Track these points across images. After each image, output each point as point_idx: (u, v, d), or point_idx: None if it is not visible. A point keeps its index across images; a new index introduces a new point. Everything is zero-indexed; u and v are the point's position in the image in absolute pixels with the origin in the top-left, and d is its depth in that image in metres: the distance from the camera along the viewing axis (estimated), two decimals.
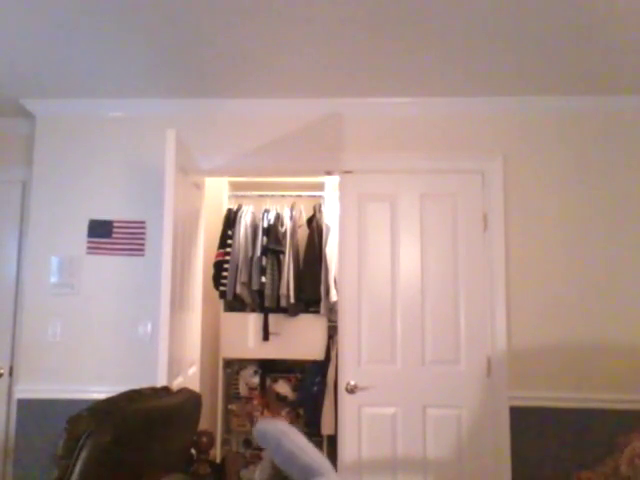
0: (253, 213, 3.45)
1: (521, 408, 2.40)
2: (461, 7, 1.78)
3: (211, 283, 3.28)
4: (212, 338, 3.37)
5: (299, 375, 3.57)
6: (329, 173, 2.70)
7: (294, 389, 3.53)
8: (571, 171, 2.54)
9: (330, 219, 3.31)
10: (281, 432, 0.36)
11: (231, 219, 3.37)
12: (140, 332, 2.55)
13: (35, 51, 2.13)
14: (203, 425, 2.01)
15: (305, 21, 1.89)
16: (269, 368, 3.61)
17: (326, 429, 3.23)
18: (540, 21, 1.87)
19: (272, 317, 3.33)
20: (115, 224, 2.61)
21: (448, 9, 1.80)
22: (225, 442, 3.53)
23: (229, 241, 3.32)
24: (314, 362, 3.39)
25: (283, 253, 3.30)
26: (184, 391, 1.91)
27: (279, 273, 3.29)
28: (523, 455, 2.39)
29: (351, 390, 2.49)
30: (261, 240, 3.30)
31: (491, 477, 2.41)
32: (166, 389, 1.85)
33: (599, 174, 2.52)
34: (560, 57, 2.14)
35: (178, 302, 2.29)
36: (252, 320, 3.39)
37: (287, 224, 3.39)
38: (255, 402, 3.50)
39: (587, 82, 2.38)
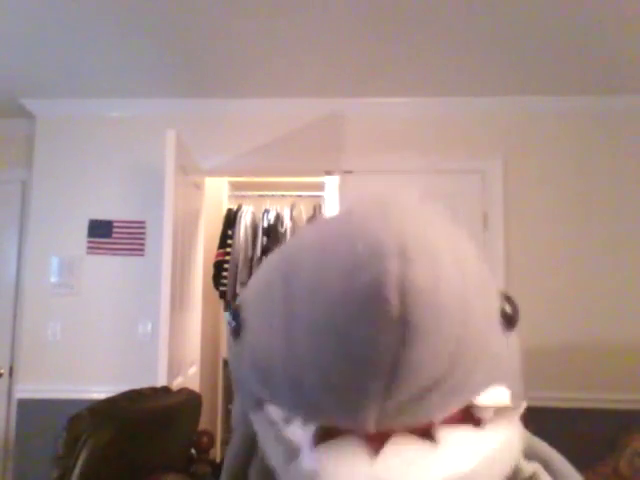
0: (253, 213, 3.45)
1: None
2: (461, 7, 1.78)
3: (211, 283, 3.27)
4: (212, 338, 3.37)
5: None
6: (329, 173, 2.70)
7: None
8: (571, 171, 2.54)
9: None
10: None
11: (231, 219, 3.37)
12: (140, 332, 2.55)
13: (35, 51, 2.13)
14: (203, 425, 2.01)
15: (305, 21, 1.89)
16: None
17: None
18: (540, 21, 1.87)
19: None
20: (115, 224, 2.61)
21: (448, 9, 1.80)
22: (225, 442, 3.54)
23: (229, 241, 3.32)
24: None
25: None
26: (184, 391, 1.90)
27: None
28: None
29: None
30: (261, 240, 3.30)
31: None
32: (166, 389, 1.85)
33: (599, 174, 2.52)
34: (560, 57, 2.14)
35: (178, 302, 2.29)
36: None
37: (287, 224, 3.39)
38: None
39: (587, 82, 2.38)
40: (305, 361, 0.33)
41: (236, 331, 0.41)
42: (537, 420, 0.60)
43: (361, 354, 0.30)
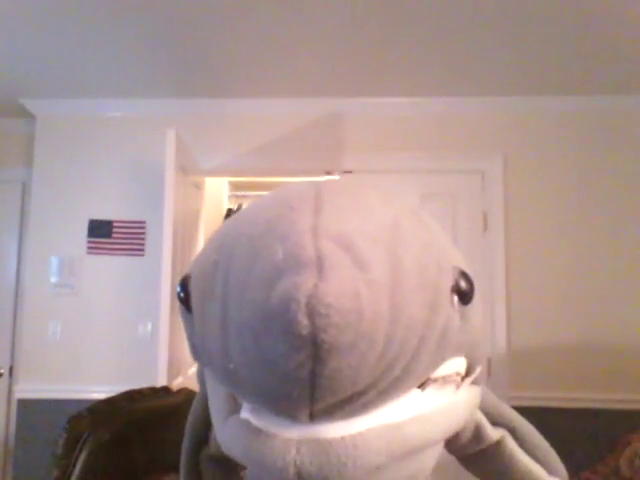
0: None
1: (521, 408, 2.37)
2: (461, 7, 1.78)
3: None
4: None
5: None
6: (329, 173, 2.69)
7: None
8: (571, 171, 2.53)
9: None
10: None
11: None
12: (140, 332, 2.55)
13: (35, 51, 2.13)
14: None
15: (305, 22, 1.89)
16: None
17: None
18: (540, 21, 1.87)
19: None
20: (115, 224, 2.61)
21: (448, 9, 1.80)
22: None
23: None
24: None
25: None
26: (184, 391, 1.90)
27: None
28: None
29: None
30: None
31: None
32: (166, 389, 1.85)
33: (599, 174, 2.52)
34: (560, 57, 2.14)
35: (178, 302, 2.28)
36: None
37: None
38: None
39: (587, 82, 2.38)
40: (237, 361, 0.34)
41: (184, 302, 0.42)
42: (537, 420, 0.60)
43: (280, 366, 0.31)
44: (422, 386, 0.38)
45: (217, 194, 3.48)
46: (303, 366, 0.30)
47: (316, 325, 0.29)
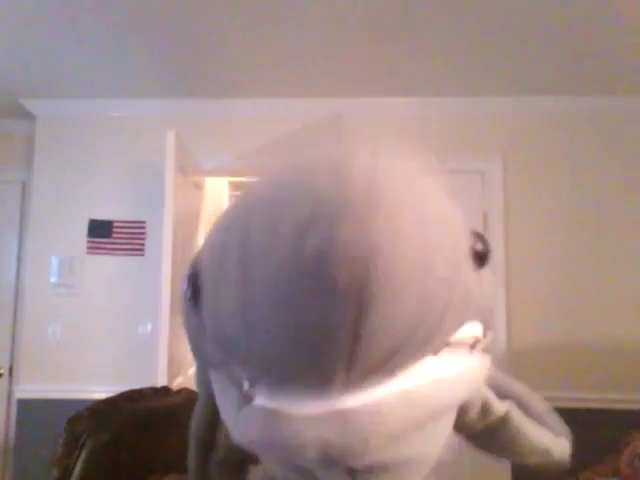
0: None
1: None
2: (461, 7, 1.78)
3: None
4: None
5: None
6: None
7: None
8: (571, 171, 2.53)
9: None
10: None
11: None
12: (140, 332, 2.55)
13: (35, 51, 2.13)
14: None
15: (305, 22, 1.89)
16: None
17: None
18: (540, 21, 1.87)
19: None
20: (115, 224, 2.61)
21: (448, 9, 1.80)
22: None
23: None
24: None
25: None
26: (184, 391, 1.90)
27: None
28: None
29: None
30: None
31: (490, 476, 2.41)
32: (166, 389, 1.85)
33: (598, 174, 2.52)
34: (560, 57, 2.14)
35: (178, 302, 2.29)
36: None
37: None
38: None
39: (587, 82, 2.38)
40: (266, 335, 0.32)
41: (193, 298, 0.39)
42: None
43: (318, 327, 0.29)
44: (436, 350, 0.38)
45: (217, 194, 3.48)
46: (344, 324, 0.29)
47: (358, 276, 0.28)
